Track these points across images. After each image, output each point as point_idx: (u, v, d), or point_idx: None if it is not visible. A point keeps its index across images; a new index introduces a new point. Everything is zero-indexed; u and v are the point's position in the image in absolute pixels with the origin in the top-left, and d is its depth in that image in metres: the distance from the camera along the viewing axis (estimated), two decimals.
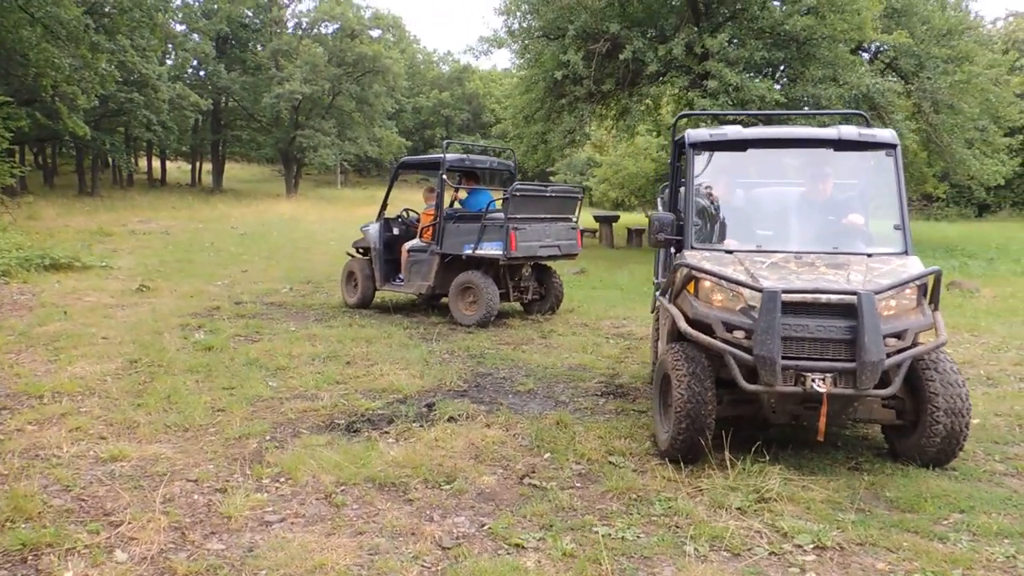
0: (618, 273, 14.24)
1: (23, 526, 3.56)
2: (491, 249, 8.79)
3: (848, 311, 4.11)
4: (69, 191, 35.84)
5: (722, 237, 4.92)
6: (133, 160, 43.19)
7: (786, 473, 4.25)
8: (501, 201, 9.14)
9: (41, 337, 7.62)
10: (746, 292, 4.28)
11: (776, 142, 5.04)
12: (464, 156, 10.12)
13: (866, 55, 17.88)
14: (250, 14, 45.55)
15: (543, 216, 9.17)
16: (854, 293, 4.07)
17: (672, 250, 5.55)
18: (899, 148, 4.83)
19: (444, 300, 9.99)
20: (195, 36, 41.95)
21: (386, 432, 5.10)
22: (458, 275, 9.11)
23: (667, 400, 4.72)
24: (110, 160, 42.16)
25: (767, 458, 4.39)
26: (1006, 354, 7.70)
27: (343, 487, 4.15)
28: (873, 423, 4.65)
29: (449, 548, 3.50)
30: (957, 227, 28.60)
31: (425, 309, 10.10)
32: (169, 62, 39.69)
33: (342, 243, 19.51)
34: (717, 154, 5.09)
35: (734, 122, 7.64)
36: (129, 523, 3.61)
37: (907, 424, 4.46)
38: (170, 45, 35.30)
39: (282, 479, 4.26)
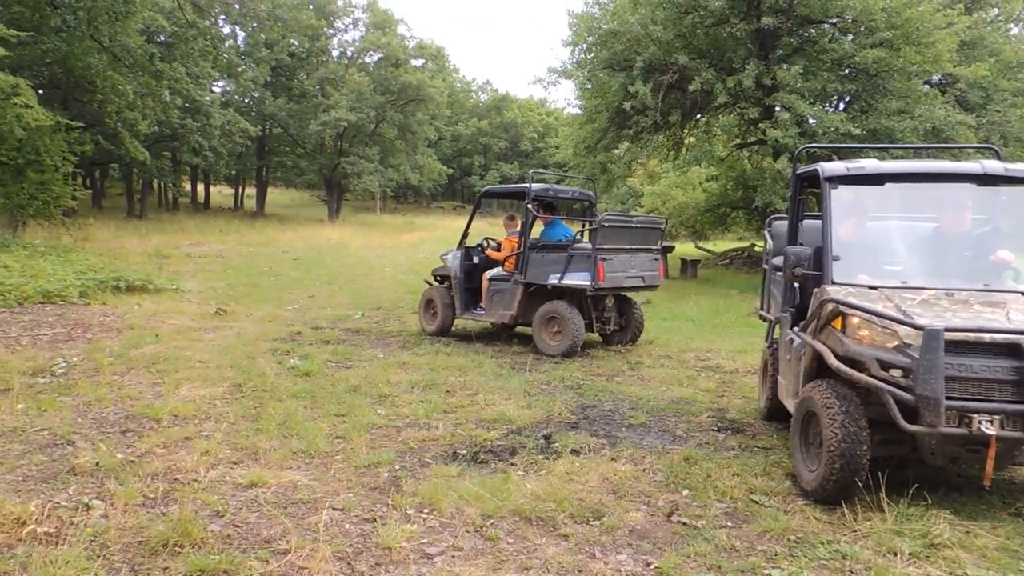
0: (683, 304, 14.12)
1: (191, 551, 3.55)
2: (578, 279, 8.74)
3: (1014, 351, 4.00)
4: (117, 213, 36.54)
5: (861, 272, 4.81)
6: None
7: (949, 518, 4.12)
8: (588, 232, 9.11)
9: (139, 360, 7.69)
10: (901, 330, 4.18)
11: (917, 176, 4.94)
12: (548, 186, 10.12)
13: (927, 87, 17.70)
14: (295, 43, 46.41)
15: (629, 247, 9.12)
16: (1023, 333, 3.96)
17: (796, 285, 5.48)
18: None
19: (520, 329, 9.95)
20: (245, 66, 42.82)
21: (513, 464, 5.05)
22: (542, 305, 9.07)
23: (810, 438, 4.62)
24: (156, 184, 43.03)
25: (928, 501, 4.26)
26: None
27: (491, 520, 4.10)
28: None
29: None
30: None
31: (506, 337, 10.06)
32: (217, 89, 40.47)
33: (397, 270, 19.69)
34: (853, 187, 5.01)
35: (828, 157, 7.50)
36: (296, 551, 3.59)
37: None
38: (223, 75, 35.97)
39: (426, 510, 4.21)
